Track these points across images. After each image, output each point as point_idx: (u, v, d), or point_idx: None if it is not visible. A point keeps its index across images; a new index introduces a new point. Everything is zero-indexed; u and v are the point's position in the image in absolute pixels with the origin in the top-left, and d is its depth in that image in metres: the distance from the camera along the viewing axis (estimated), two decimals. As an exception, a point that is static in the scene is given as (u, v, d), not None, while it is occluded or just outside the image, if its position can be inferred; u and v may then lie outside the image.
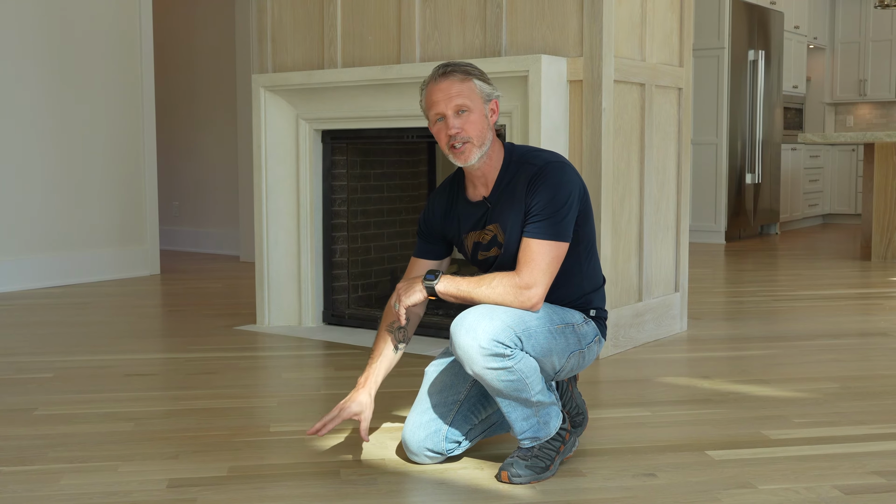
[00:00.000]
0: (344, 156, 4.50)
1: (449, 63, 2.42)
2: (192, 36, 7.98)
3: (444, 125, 2.39)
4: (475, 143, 2.38)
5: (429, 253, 2.61)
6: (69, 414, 3.03)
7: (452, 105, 2.37)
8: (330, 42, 4.40)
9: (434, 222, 2.59)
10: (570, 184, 2.38)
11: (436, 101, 2.38)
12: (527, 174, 2.40)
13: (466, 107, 2.37)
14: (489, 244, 2.48)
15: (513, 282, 2.31)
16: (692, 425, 2.89)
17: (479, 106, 2.39)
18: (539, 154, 2.45)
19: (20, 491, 2.34)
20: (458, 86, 2.37)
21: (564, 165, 2.41)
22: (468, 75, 2.40)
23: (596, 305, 2.53)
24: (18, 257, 5.81)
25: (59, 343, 4.19)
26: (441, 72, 2.39)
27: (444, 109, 2.37)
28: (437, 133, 2.41)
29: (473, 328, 2.24)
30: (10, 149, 5.76)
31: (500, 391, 2.30)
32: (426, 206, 2.62)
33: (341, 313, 4.51)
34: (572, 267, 2.46)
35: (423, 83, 2.45)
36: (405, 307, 2.40)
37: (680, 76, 4.23)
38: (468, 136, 2.37)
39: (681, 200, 4.31)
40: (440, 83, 2.38)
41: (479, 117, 2.39)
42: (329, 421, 2.47)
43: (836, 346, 4.07)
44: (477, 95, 2.40)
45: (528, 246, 2.34)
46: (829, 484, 2.35)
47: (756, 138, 8.98)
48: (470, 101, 2.38)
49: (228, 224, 7.84)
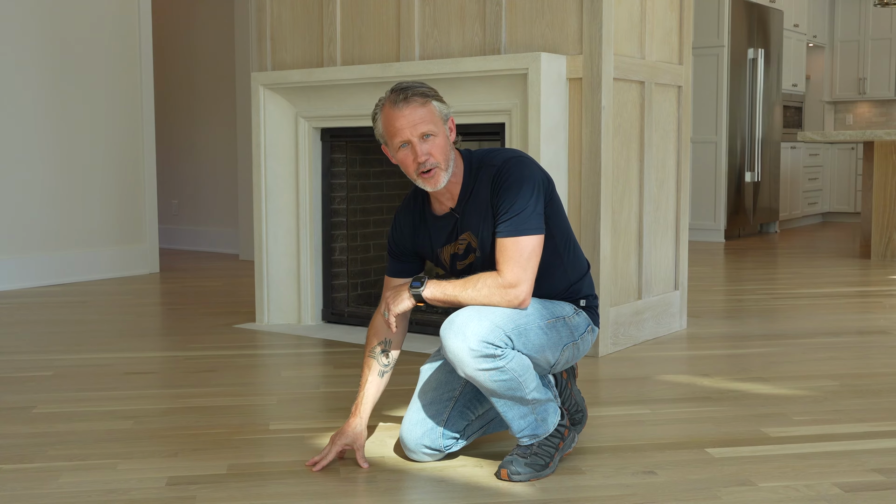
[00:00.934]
0: (343, 154, 4.49)
1: (403, 86, 2.36)
2: (191, 34, 7.98)
3: (409, 151, 2.34)
4: (442, 167, 2.35)
5: (402, 272, 2.57)
6: (68, 412, 3.03)
7: (418, 132, 2.32)
8: (329, 40, 4.39)
9: (403, 241, 2.55)
10: (531, 177, 2.35)
11: (399, 129, 2.33)
12: (488, 176, 2.38)
13: (431, 131, 2.33)
14: (465, 253, 2.45)
15: (496, 282, 2.29)
16: (692, 423, 2.89)
17: (441, 129, 2.36)
18: (496, 154, 2.42)
19: (19, 489, 2.33)
20: (420, 111, 2.33)
21: (523, 159, 2.40)
22: (426, 97, 2.35)
23: (585, 294, 2.51)
24: (18, 256, 5.81)
25: (59, 341, 4.19)
26: (401, 97, 2.33)
27: (409, 136, 2.32)
28: (402, 159, 2.36)
29: (462, 330, 2.23)
30: (10, 147, 5.75)
31: (494, 391, 2.30)
32: (392, 225, 2.58)
33: (340, 311, 4.50)
34: (552, 259, 2.44)
35: (378, 108, 2.39)
36: (395, 315, 2.39)
37: (679, 74, 4.23)
38: (436, 161, 2.34)
39: (680, 199, 4.31)
40: (402, 110, 2.32)
41: (442, 140, 2.35)
42: (324, 456, 2.48)
43: (835, 344, 4.07)
44: (438, 118, 2.36)
45: (503, 245, 2.32)
46: (828, 481, 2.35)
47: (755, 137, 8.98)
48: (434, 125, 2.34)
49: (228, 222, 7.83)
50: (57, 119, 5.97)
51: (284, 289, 4.53)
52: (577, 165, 3.76)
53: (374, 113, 2.41)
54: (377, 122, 2.40)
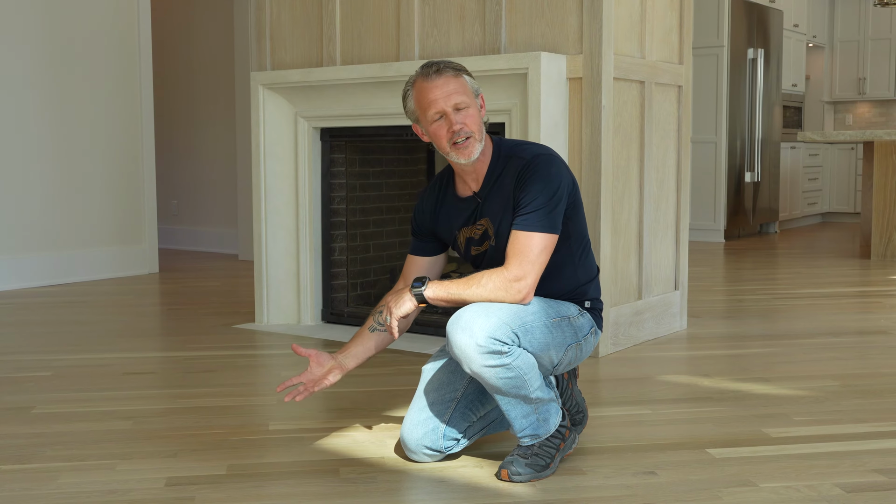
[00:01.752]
0: (343, 154, 4.48)
1: (434, 62, 2.40)
2: (190, 34, 7.97)
3: (444, 123, 2.37)
4: (476, 138, 2.38)
5: (423, 250, 2.61)
6: (67, 412, 3.02)
7: (452, 102, 2.35)
8: (329, 40, 4.39)
9: (424, 220, 2.58)
10: (558, 176, 2.37)
11: (434, 100, 2.36)
12: (515, 168, 2.39)
13: (465, 103, 2.37)
14: (481, 239, 2.47)
15: (502, 275, 2.30)
16: (692, 423, 2.88)
17: (472, 101, 2.40)
18: (527, 147, 2.44)
19: (18, 490, 2.33)
20: (453, 83, 2.36)
21: (552, 158, 2.40)
22: (458, 72, 2.39)
23: (591, 296, 2.52)
24: (17, 256, 5.80)
25: (58, 342, 4.18)
26: (434, 69, 2.37)
27: (443, 107, 2.36)
28: (435, 131, 2.39)
29: (470, 326, 2.23)
30: (9, 148, 5.75)
31: (499, 389, 2.29)
32: (417, 204, 2.62)
33: (340, 312, 4.50)
34: (565, 260, 2.45)
35: (409, 85, 2.41)
36: (397, 319, 2.37)
37: (680, 74, 4.23)
38: (471, 130, 2.37)
39: (680, 199, 4.31)
40: (434, 81, 2.36)
41: (475, 112, 2.40)
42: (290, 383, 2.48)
43: (835, 345, 4.07)
44: (470, 91, 2.40)
45: (516, 238, 2.33)
46: (830, 482, 2.34)
47: (755, 137, 8.98)
48: (466, 96, 2.37)
49: (227, 223, 7.83)
50: (56, 119, 5.96)
51: (284, 289, 4.53)
52: (578, 165, 3.75)
53: (404, 91, 2.43)
54: (408, 99, 2.42)
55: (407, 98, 2.42)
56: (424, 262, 2.61)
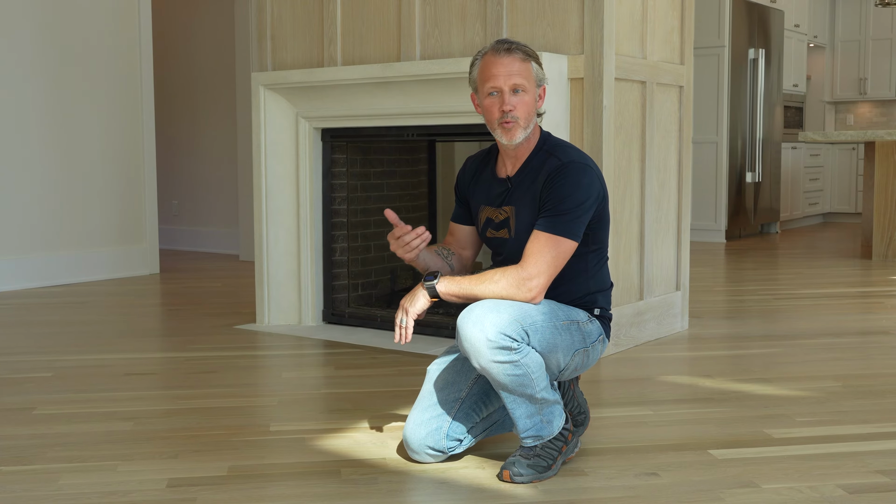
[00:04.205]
0: (344, 154, 4.48)
1: (509, 40, 2.43)
2: (191, 34, 7.97)
3: (497, 100, 2.41)
4: (521, 125, 2.41)
5: (462, 217, 2.66)
6: (68, 413, 3.02)
7: (511, 82, 2.38)
8: (330, 40, 4.38)
9: (463, 185, 2.64)
10: (588, 186, 2.38)
11: (494, 75, 2.39)
12: (549, 167, 2.41)
13: (523, 87, 2.40)
14: (500, 224, 2.50)
15: (516, 273, 2.32)
16: (694, 424, 2.88)
17: (532, 88, 2.42)
18: (567, 151, 2.46)
19: (19, 491, 2.32)
20: (518, 64, 2.39)
21: (587, 168, 2.41)
22: (528, 57, 2.42)
23: (600, 305, 2.53)
24: (18, 256, 5.80)
25: (58, 342, 4.17)
26: (505, 47, 2.40)
27: (501, 84, 2.39)
28: (488, 106, 2.42)
29: (481, 321, 2.23)
30: (10, 148, 5.74)
31: (506, 386, 2.29)
32: (461, 169, 2.66)
33: (341, 312, 4.49)
34: (581, 267, 2.46)
35: (479, 54, 2.45)
36: (413, 318, 2.39)
37: (681, 74, 4.22)
38: (517, 115, 2.39)
39: (682, 199, 4.30)
40: (502, 58, 2.39)
41: (531, 99, 2.42)
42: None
43: (837, 345, 4.06)
44: (532, 78, 2.42)
45: (536, 237, 2.35)
46: (832, 483, 2.33)
47: (756, 137, 8.97)
48: (527, 81, 2.40)
49: (228, 223, 7.82)
50: (57, 119, 5.96)
51: (285, 289, 4.52)
52: (579, 165, 3.74)
53: (473, 59, 2.48)
54: (474, 68, 2.46)
55: (473, 66, 2.46)
56: (463, 231, 2.66)
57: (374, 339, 4.15)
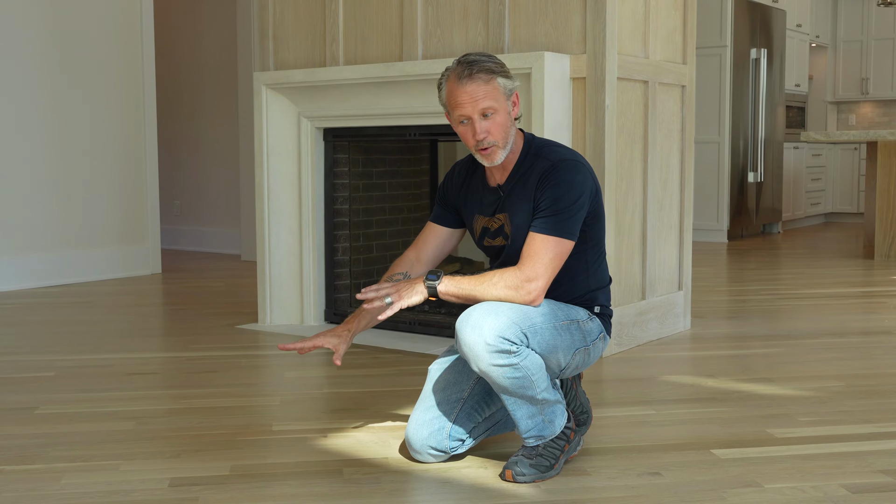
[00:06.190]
0: (346, 154, 4.48)
1: (471, 60, 2.36)
2: (193, 34, 7.97)
3: (468, 128, 2.37)
4: (500, 146, 2.38)
5: (443, 219, 2.64)
6: (70, 413, 3.02)
7: (479, 109, 2.34)
8: (332, 40, 4.38)
9: (450, 192, 2.62)
10: (581, 184, 2.36)
11: (460, 104, 2.35)
12: (540, 169, 2.39)
13: (493, 108, 2.35)
14: (496, 233, 2.49)
15: (515, 275, 2.31)
16: (697, 424, 2.87)
17: (503, 105, 2.37)
18: (555, 150, 2.44)
19: (21, 490, 2.32)
20: (483, 88, 2.33)
21: (578, 164, 2.40)
22: (492, 74, 2.35)
23: (600, 303, 2.52)
24: (19, 256, 5.80)
25: (61, 342, 4.18)
26: (466, 73, 2.34)
27: (469, 112, 2.35)
28: (462, 133, 2.40)
29: (479, 325, 2.23)
30: (12, 147, 5.75)
31: (506, 388, 2.29)
32: (447, 173, 2.65)
33: (343, 312, 4.49)
34: (579, 265, 2.45)
35: (444, 77, 2.40)
36: (402, 308, 2.37)
37: (683, 74, 4.22)
38: (494, 140, 2.36)
39: (684, 198, 4.30)
40: (466, 86, 2.33)
41: (503, 117, 2.37)
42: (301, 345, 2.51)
43: (840, 345, 4.06)
44: (501, 94, 2.36)
45: (532, 240, 2.34)
46: (835, 483, 2.33)
47: (758, 137, 8.96)
48: (496, 101, 2.35)
49: (230, 223, 7.83)
50: (59, 119, 5.96)
51: (287, 289, 4.52)
52: (581, 165, 3.74)
53: (439, 81, 2.44)
54: (441, 91, 2.43)
55: (441, 89, 2.43)
56: (442, 232, 2.64)
57: (375, 338, 4.15)
